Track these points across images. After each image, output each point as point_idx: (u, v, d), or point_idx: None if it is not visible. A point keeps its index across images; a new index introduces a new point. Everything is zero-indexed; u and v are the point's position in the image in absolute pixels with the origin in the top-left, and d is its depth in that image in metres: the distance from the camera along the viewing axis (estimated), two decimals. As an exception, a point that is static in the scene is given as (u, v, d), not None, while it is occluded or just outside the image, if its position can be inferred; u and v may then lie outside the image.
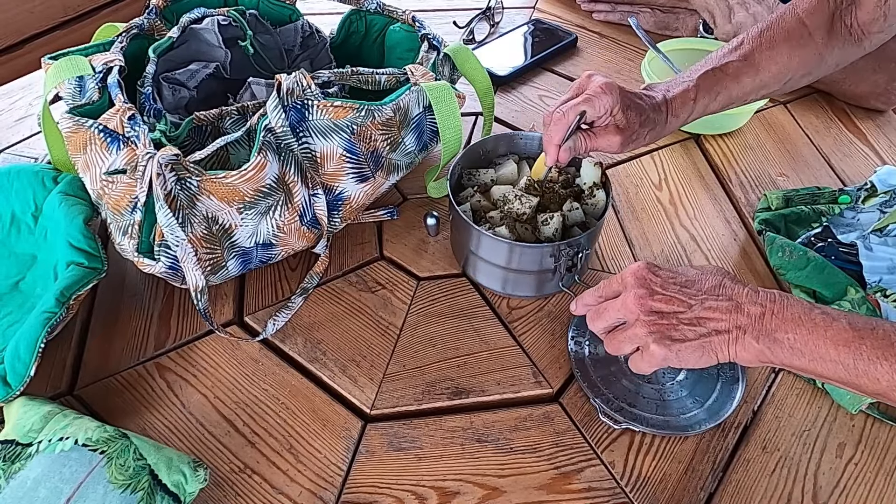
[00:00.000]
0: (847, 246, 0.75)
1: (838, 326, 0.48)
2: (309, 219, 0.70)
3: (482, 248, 0.70)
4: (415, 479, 0.60)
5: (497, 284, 0.74)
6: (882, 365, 0.46)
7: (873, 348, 0.47)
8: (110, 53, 0.70)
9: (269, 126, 0.64)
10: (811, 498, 0.59)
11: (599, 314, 0.56)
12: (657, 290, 0.53)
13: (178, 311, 0.73)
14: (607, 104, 0.65)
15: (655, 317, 0.53)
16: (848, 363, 0.47)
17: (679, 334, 0.52)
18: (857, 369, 0.47)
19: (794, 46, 0.71)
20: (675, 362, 0.53)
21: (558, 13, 1.22)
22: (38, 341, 0.60)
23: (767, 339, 0.50)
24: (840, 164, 0.92)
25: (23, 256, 0.74)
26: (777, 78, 0.72)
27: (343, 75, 0.73)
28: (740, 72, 0.71)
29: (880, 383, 0.47)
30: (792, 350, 0.49)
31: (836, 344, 0.48)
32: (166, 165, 0.59)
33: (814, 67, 0.73)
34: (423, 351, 0.69)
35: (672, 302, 0.53)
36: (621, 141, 0.67)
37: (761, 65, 0.71)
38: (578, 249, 0.67)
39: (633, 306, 0.53)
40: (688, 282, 0.54)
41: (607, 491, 0.59)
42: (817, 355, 0.48)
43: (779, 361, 0.50)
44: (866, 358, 0.47)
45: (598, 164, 0.73)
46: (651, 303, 0.53)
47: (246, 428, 0.63)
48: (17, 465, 0.53)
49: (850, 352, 0.47)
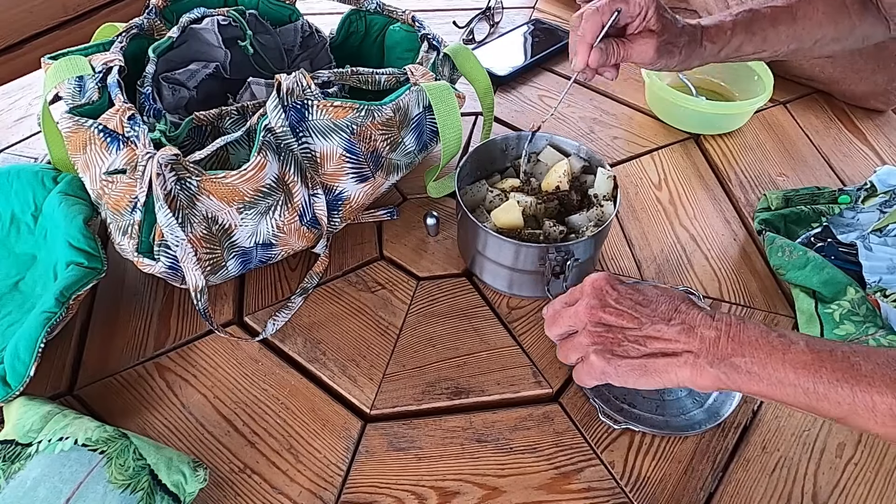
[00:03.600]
0: (847, 246, 0.75)
1: (797, 349, 0.46)
2: (309, 219, 0.70)
3: (489, 248, 0.70)
4: (415, 479, 0.60)
5: (503, 284, 0.74)
6: (842, 388, 0.44)
7: (833, 371, 0.45)
8: (110, 53, 0.70)
9: (268, 126, 0.64)
10: (811, 498, 0.59)
11: (554, 320, 0.56)
12: (610, 303, 0.52)
13: (178, 311, 0.73)
14: (643, 2, 0.63)
15: (602, 328, 0.52)
16: (807, 386, 0.46)
17: (622, 350, 0.51)
18: (816, 393, 0.45)
19: (830, 6, 0.71)
20: (614, 378, 0.51)
21: (558, 13, 1.22)
22: (37, 341, 0.60)
23: (723, 364, 0.48)
24: (840, 164, 0.92)
25: (22, 256, 0.74)
26: (811, 33, 0.71)
27: (343, 75, 0.73)
28: (778, 17, 0.70)
29: (841, 407, 0.45)
30: (749, 375, 0.47)
31: (795, 367, 0.46)
32: (166, 165, 0.59)
33: (845, 33, 0.73)
34: (423, 351, 0.69)
35: (622, 316, 0.52)
36: (656, 48, 0.65)
37: (798, 14, 0.71)
38: (567, 256, 0.67)
39: (583, 315, 0.53)
40: (645, 300, 0.52)
41: (607, 491, 0.59)
42: (776, 379, 0.46)
43: (736, 387, 0.48)
44: (826, 381, 0.45)
45: (612, 178, 0.73)
46: (601, 314, 0.52)
47: (246, 428, 0.63)
48: (16, 465, 0.53)
49: (809, 375, 0.45)
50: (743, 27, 0.69)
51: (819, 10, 0.71)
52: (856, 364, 0.45)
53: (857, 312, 0.69)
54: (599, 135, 0.96)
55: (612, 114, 1.00)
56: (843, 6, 0.72)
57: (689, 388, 0.50)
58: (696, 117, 0.94)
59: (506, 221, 0.70)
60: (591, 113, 1.00)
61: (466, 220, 0.70)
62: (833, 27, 0.72)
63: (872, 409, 0.44)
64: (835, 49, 0.75)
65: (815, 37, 0.72)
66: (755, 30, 0.70)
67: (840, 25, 0.72)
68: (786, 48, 0.72)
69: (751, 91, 0.96)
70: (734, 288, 0.76)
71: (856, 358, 0.45)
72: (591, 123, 0.98)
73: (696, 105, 0.92)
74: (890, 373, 0.44)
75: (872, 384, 0.44)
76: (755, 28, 0.70)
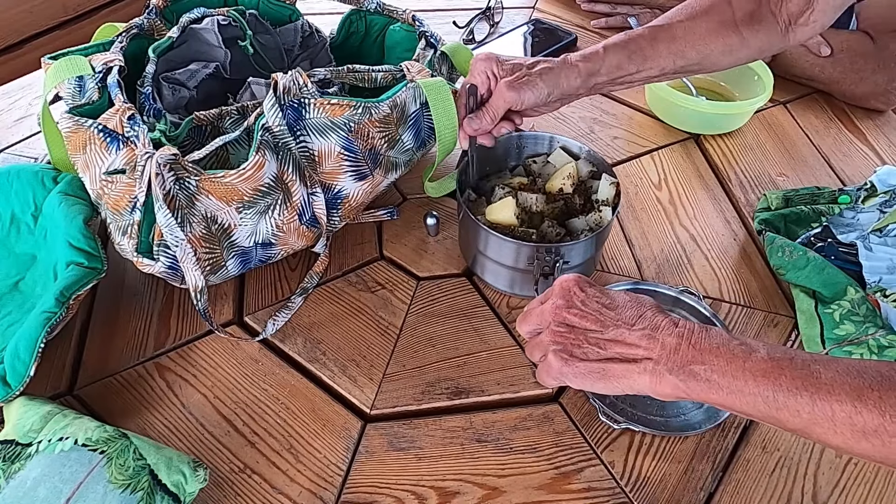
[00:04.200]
0: (847, 246, 0.75)
1: (757, 357, 0.46)
2: (308, 218, 0.70)
3: (490, 247, 0.70)
4: (414, 479, 0.60)
5: (504, 284, 0.74)
6: (802, 396, 0.44)
7: (792, 378, 0.44)
8: (110, 53, 0.70)
9: (266, 125, 0.64)
10: (811, 498, 0.59)
11: (525, 317, 0.55)
12: (576, 304, 0.52)
13: (178, 310, 0.73)
14: (483, 66, 0.69)
15: (564, 329, 0.52)
16: (767, 395, 0.45)
17: (581, 352, 0.51)
18: (776, 402, 0.44)
19: (713, 21, 0.71)
20: (572, 380, 0.51)
21: (558, 13, 1.22)
22: (37, 341, 0.60)
23: (682, 371, 0.47)
24: (840, 164, 0.92)
25: (23, 256, 0.74)
26: (695, 49, 0.71)
27: (339, 73, 0.73)
28: (656, 35, 0.71)
29: (801, 416, 0.44)
30: (709, 383, 0.46)
31: (755, 375, 0.45)
32: (165, 165, 0.59)
33: (736, 48, 0.72)
34: (423, 351, 0.69)
35: (586, 318, 0.51)
36: (508, 88, 0.67)
37: (678, 33, 0.71)
38: (557, 258, 0.67)
39: (549, 315, 0.53)
40: (612, 304, 0.52)
41: (607, 491, 0.59)
42: (735, 388, 0.46)
43: (696, 395, 0.47)
44: (785, 389, 0.44)
45: (614, 185, 0.73)
46: (565, 314, 0.52)
47: (246, 428, 0.63)
48: (16, 465, 0.53)
49: (769, 383, 0.45)
50: (619, 47, 0.70)
51: (700, 25, 0.71)
52: (815, 372, 0.44)
53: (857, 312, 0.69)
54: (599, 135, 0.96)
55: (612, 114, 1.00)
56: (731, 21, 0.71)
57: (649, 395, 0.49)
58: (696, 117, 0.94)
59: (498, 218, 0.70)
60: (591, 113, 1.00)
61: (467, 219, 0.70)
62: (721, 42, 0.71)
63: (832, 419, 0.43)
64: (730, 63, 0.73)
65: (701, 53, 0.71)
66: (632, 48, 0.70)
67: (728, 40, 0.71)
68: (672, 65, 0.71)
69: (751, 91, 0.96)
70: (734, 288, 0.76)
71: (816, 366, 0.44)
72: (591, 123, 0.98)
73: (696, 105, 0.92)
74: (850, 381, 0.43)
75: (832, 392, 0.43)
76: (632, 46, 0.70)
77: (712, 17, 0.71)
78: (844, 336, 0.67)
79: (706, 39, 0.71)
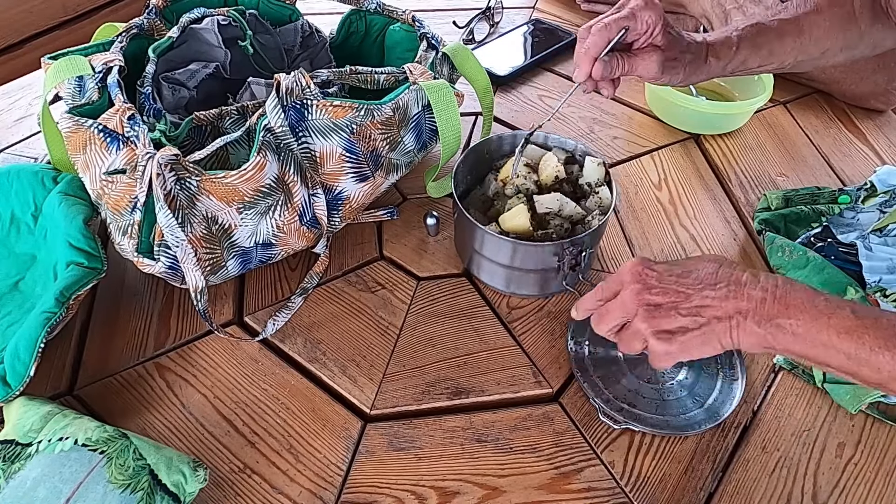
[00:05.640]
0: (847, 246, 0.75)
1: (842, 314, 0.48)
2: (308, 218, 0.70)
3: (486, 247, 0.70)
4: (414, 478, 0.60)
5: (501, 283, 0.74)
6: (884, 355, 0.46)
7: (876, 338, 0.46)
8: (110, 53, 0.70)
9: (268, 126, 0.64)
10: (811, 498, 0.59)
11: (602, 317, 0.56)
12: (653, 284, 0.53)
13: (178, 311, 0.73)
14: (650, 20, 0.64)
15: (653, 309, 0.52)
16: (850, 352, 0.47)
17: (677, 327, 0.52)
18: (858, 358, 0.47)
19: (838, 15, 0.71)
20: (679, 356, 0.52)
21: (558, 13, 1.22)
22: (37, 341, 0.60)
23: (769, 324, 0.49)
24: (840, 164, 0.92)
25: (22, 256, 0.74)
26: (818, 44, 0.71)
27: (342, 74, 0.73)
28: (784, 30, 0.70)
29: (881, 373, 0.47)
30: (794, 336, 0.49)
31: (839, 332, 0.47)
32: (166, 165, 0.59)
33: (853, 42, 0.72)
34: (423, 351, 0.69)
35: (668, 293, 0.52)
36: (659, 64, 0.66)
37: (804, 26, 0.70)
38: (582, 248, 0.67)
39: (631, 303, 0.53)
40: (685, 272, 0.53)
41: (607, 491, 0.59)
42: (819, 342, 0.48)
43: (781, 347, 0.50)
44: (868, 348, 0.46)
45: (602, 164, 0.73)
46: (647, 296, 0.53)
47: (246, 428, 0.63)
48: (16, 465, 0.53)
49: (852, 340, 0.47)
50: (748, 42, 0.69)
51: (826, 19, 0.70)
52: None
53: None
54: (599, 135, 0.96)
55: (612, 114, 1.00)
56: (852, 14, 0.71)
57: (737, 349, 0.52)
58: (696, 117, 0.94)
59: (514, 226, 0.69)
60: (591, 113, 1.00)
61: (463, 219, 0.70)
62: (841, 36, 0.71)
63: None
64: (843, 58, 0.73)
65: (822, 47, 0.71)
66: (760, 43, 0.70)
67: (848, 34, 0.71)
68: (792, 59, 0.71)
69: (751, 91, 0.96)
70: (734, 288, 0.76)
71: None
72: (591, 123, 0.98)
73: (696, 105, 0.93)
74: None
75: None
76: (760, 41, 0.69)
77: (836, 10, 0.70)
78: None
79: (830, 33, 0.70)
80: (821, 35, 0.70)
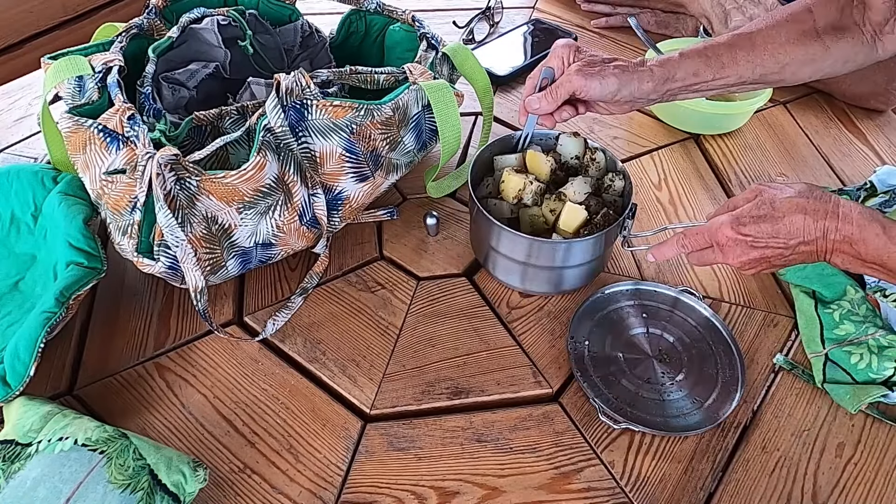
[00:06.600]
0: (847, 246, 0.75)
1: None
2: (308, 218, 0.70)
3: (502, 243, 0.70)
4: (414, 478, 0.60)
5: (516, 280, 0.74)
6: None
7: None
8: (110, 53, 0.70)
9: (268, 126, 0.64)
10: (811, 498, 0.59)
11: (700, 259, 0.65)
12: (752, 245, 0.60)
13: (178, 310, 0.73)
14: (561, 52, 0.70)
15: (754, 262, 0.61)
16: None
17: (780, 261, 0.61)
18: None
19: (794, 31, 0.71)
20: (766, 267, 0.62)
21: (558, 13, 1.22)
22: (37, 341, 0.60)
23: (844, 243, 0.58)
24: (839, 164, 0.92)
25: (22, 256, 0.74)
26: (774, 58, 0.71)
27: (342, 74, 0.73)
28: (735, 43, 0.71)
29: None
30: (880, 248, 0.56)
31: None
32: (166, 165, 0.59)
33: (818, 56, 0.72)
34: (423, 351, 0.69)
35: (768, 248, 0.60)
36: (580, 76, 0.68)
37: (757, 41, 0.71)
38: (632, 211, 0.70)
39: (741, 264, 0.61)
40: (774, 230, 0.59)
41: (607, 491, 0.59)
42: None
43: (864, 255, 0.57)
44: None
45: (575, 134, 0.74)
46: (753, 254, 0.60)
47: (246, 428, 0.63)
48: (16, 465, 0.53)
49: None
50: (696, 54, 0.70)
51: (781, 34, 0.71)
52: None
53: (856, 312, 0.69)
54: (599, 135, 0.96)
55: (612, 114, 1.00)
56: (812, 31, 0.71)
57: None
58: (696, 117, 0.94)
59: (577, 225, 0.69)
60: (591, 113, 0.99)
61: (480, 215, 0.70)
62: (801, 51, 0.71)
63: None
64: (816, 74, 0.73)
65: (780, 61, 0.71)
66: (710, 55, 0.70)
67: (810, 49, 0.71)
68: (751, 73, 0.71)
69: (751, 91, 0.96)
70: (734, 288, 0.76)
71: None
72: (592, 123, 0.98)
73: (696, 105, 0.92)
74: None
75: None
76: (709, 53, 0.70)
77: (793, 26, 0.71)
78: (844, 336, 0.67)
79: (786, 48, 0.70)
80: (776, 48, 0.71)
